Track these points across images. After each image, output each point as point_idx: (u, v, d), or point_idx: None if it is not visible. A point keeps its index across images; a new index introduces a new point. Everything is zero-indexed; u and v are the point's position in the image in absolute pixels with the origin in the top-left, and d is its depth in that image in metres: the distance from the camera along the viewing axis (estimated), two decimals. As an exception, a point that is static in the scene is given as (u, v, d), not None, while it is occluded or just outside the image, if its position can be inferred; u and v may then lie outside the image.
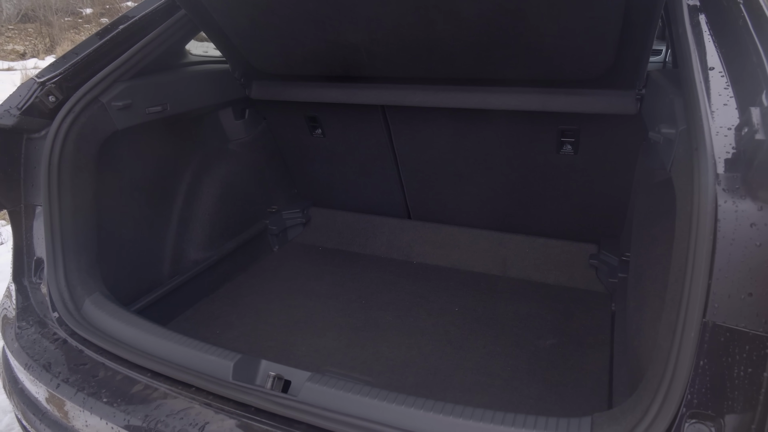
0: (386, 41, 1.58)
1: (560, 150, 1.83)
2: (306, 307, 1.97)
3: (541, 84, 1.61)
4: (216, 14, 1.71)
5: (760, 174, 0.79)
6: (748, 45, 0.99)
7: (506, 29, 1.41)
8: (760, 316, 0.79)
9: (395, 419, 1.01)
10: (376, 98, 1.88)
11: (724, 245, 0.80)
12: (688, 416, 0.85)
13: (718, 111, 0.93)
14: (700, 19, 1.18)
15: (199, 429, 1.06)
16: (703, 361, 0.83)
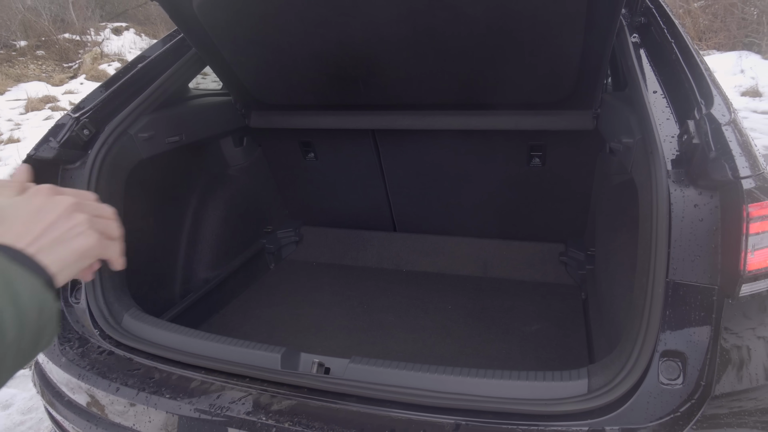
0: (382, 74, 1.83)
1: (530, 163, 2.12)
2: (313, 315, 2.15)
3: (514, 107, 1.90)
4: (225, 52, 1.92)
5: (698, 168, 1.08)
6: (680, 74, 1.30)
7: (486, 63, 1.68)
8: (706, 272, 1.07)
9: (430, 384, 1.22)
10: (368, 123, 2.12)
11: (677, 222, 1.08)
12: (661, 355, 1.11)
13: (663, 124, 1.23)
14: (641, 53, 1.50)
15: (263, 409, 1.23)
16: (669, 311, 1.10)
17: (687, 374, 1.08)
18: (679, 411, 1.08)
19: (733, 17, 9.45)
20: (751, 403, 1.09)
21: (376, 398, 1.20)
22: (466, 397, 1.17)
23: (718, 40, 9.52)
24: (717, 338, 1.07)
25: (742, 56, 8.59)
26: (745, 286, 1.05)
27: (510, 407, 1.14)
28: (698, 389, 1.08)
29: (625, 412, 1.09)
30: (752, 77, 7.84)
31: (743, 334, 1.09)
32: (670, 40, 1.42)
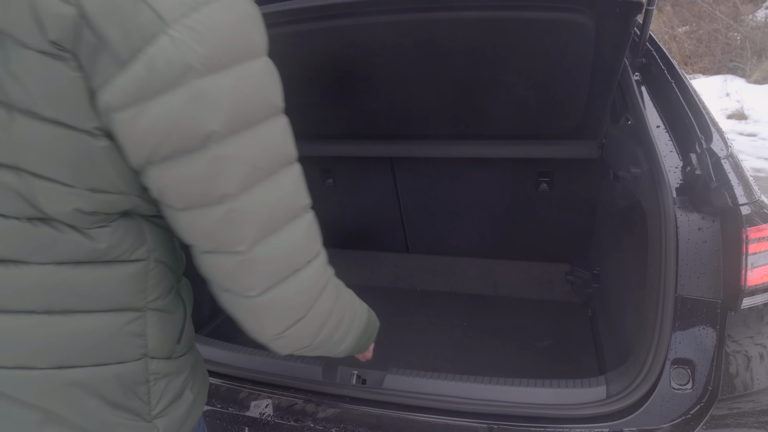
0: (403, 108, 1.98)
1: (538, 188, 2.27)
2: None
3: (525, 137, 2.05)
4: None
5: (701, 196, 1.23)
6: (680, 111, 1.46)
7: (500, 98, 1.84)
8: (710, 287, 1.21)
9: (463, 392, 1.34)
10: (387, 152, 2.26)
11: (683, 243, 1.23)
12: (672, 363, 1.24)
13: (667, 156, 1.38)
14: (643, 89, 1.67)
15: (311, 417, 1.34)
16: (678, 323, 1.23)
17: (696, 380, 1.21)
18: (689, 413, 1.20)
19: (717, 42, 9.82)
20: (750, 405, 1.22)
21: (414, 405, 1.32)
22: (497, 402, 1.29)
23: (704, 64, 9.87)
24: (722, 347, 1.21)
25: (727, 80, 8.91)
26: (746, 299, 1.19)
27: (537, 411, 1.26)
28: (706, 393, 1.21)
29: (642, 414, 1.21)
30: (737, 100, 8.14)
31: (743, 342, 1.23)
32: (669, 80, 1.58)
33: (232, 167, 0.62)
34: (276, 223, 0.69)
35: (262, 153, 0.65)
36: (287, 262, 0.71)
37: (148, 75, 0.56)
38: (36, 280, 0.66)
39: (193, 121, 0.59)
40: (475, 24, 1.52)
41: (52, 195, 0.63)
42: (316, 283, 0.76)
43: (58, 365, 0.69)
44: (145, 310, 0.75)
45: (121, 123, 0.58)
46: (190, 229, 0.67)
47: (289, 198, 0.71)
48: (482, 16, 1.49)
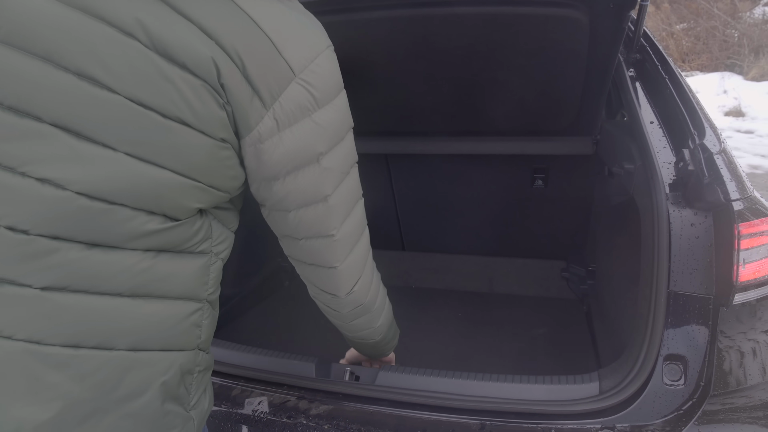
0: (397, 104, 1.98)
1: (533, 184, 2.27)
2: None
3: (520, 134, 2.05)
4: None
5: (693, 192, 1.23)
6: (674, 107, 1.46)
7: (495, 95, 1.84)
8: (703, 283, 1.21)
9: (456, 388, 1.33)
10: (383, 148, 2.26)
11: (676, 239, 1.22)
12: (664, 359, 1.24)
13: (660, 152, 1.38)
14: (637, 85, 1.66)
15: (303, 413, 1.34)
16: (670, 319, 1.23)
17: (688, 376, 1.21)
18: (681, 409, 1.20)
19: (715, 39, 9.83)
20: (743, 401, 1.22)
21: (407, 402, 1.32)
22: (490, 399, 1.29)
23: (701, 61, 9.87)
24: (714, 343, 1.21)
25: (724, 77, 8.92)
26: (737, 295, 1.19)
27: (530, 408, 1.26)
28: (698, 389, 1.21)
29: (634, 410, 1.21)
30: (735, 98, 8.15)
31: (736, 337, 1.23)
32: (664, 76, 1.58)
33: (332, 175, 0.84)
34: (350, 209, 0.92)
35: (344, 161, 0.87)
36: (355, 235, 0.95)
37: (285, 114, 0.75)
38: (127, 265, 0.73)
39: (311, 145, 0.79)
40: (469, 20, 1.52)
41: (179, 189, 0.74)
42: (366, 247, 1.02)
43: (134, 347, 0.75)
44: (204, 301, 0.84)
45: (266, 150, 0.76)
46: (297, 223, 0.87)
47: (356, 189, 0.94)
48: (476, 12, 1.49)
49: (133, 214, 0.72)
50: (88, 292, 0.71)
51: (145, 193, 0.72)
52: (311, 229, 0.89)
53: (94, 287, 0.71)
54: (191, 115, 0.71)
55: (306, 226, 0.88)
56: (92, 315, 0.72)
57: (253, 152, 0.77)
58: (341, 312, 1.05)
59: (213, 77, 0.70)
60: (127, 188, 0.71)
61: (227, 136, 0.75)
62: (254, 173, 0.81)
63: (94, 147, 0.68)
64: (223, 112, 0.73)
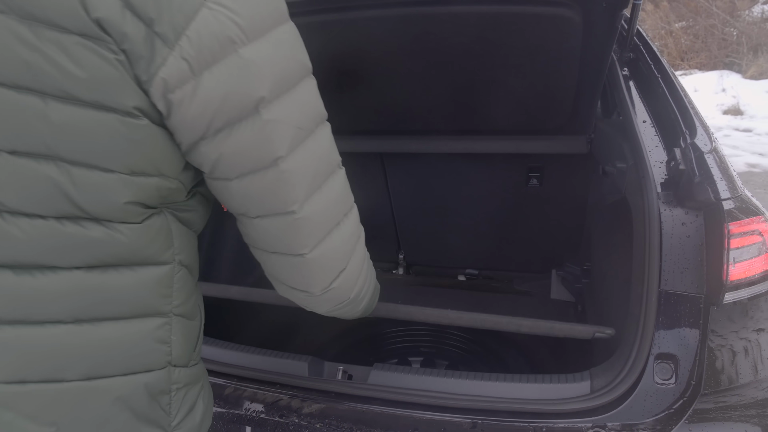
0: (392, 103, 1.98)
1: (528, 183, 2.27)
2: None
3: (514, 132, 2.05)
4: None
5: (684, 191, 1.23)
6: (666, 106, 1.46)
7: (489, 93, 1.84)
8: (693, 282, 1.21)
9: (448, 387, 1.34)
10: (377, 147, 2.25)
11: (667, 238, 1.23)
12: (655, 358, 1.24)
13: (652, 151, 1.38)
14: (630, 84, 1.66)
15: (295, 412, 1.34)
16: (661, 318, 1.24)
17: (679, 375, 1.22)
18: (672, 408, 1.21)
19: (714, 38, 9.82)
20: (735, 399, 1.22)
21: (399, 401, 1.32)
22: (481, 398, 1.29)
23: (700, 60, 9.87)
24: (704, 342, 1.21)
25: (723, 75, 8.91)
26: (728, 294, 1.19)
27: (521, 406, 1.26)
28: (689, 388, 1.21)
29: (625, 409, 1.22)
30: (733, 96, 8.14)
31: (728, 336, 1.23)
32: (656, 75, 1.58)
33: (282, 130, 0.66)
34: (319, 180, 0.74)
35: (303, 114, 0.69)
36: (331, 216, 0.78)
37: (197, 51, 0.59)
38: (65, 288, 0.64)
39: (243, 89, 0.62)
40: (463, 18, 1.52)
41: (90, 184, 0.62)
42: (353, 234, 0.84)
43: (87, 376, 0.67)
44: (171, 315, 0.74)
45: (178, 101, 0.60)
46: (244, 196, 0.70)
47: (327, 155, 0.76)
48: (469, 11, 1.49)
49: (57, 225, 0.63)
50: (24, 322, 0.64)
51: (54, 198, 0.62)
52: (263, 204, 0.71)
53: (30, 317, 0.64)
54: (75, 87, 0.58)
55: (255, 199, 0.70)
56: (33, 347, 0.64)
57: (165, 107, 0.61)
58: (319, 310, 0.88)
59: (83, 19, 0.56)
60: (32, 195, 0.61)
61: (138, 101, 0.60)
62: (177, 133, 0.65)
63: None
64: (118, 69, 0.58)
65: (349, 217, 0.83)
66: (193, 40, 0.58)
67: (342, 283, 0.83)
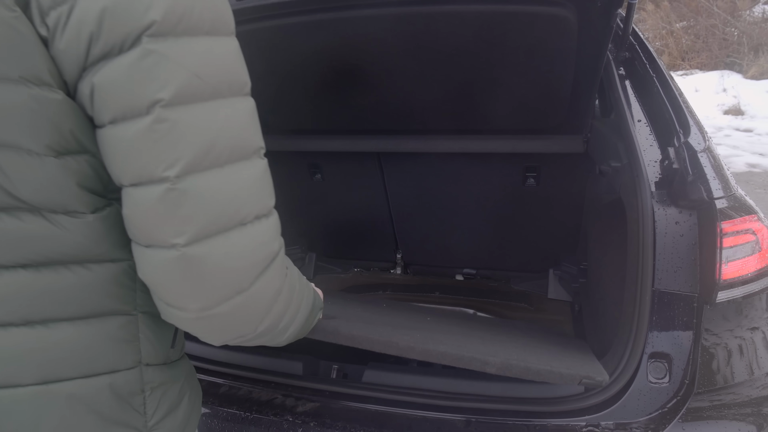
0: (389, 102, 1.98)
1: (525, 183, 2.27)
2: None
3: (511, 132, 2.04)
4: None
5: (678, 190, 1.23)
6: (661, 105, 1.46)
7: (486, 93, 1.84)
8: (687, 281, 1.21)
9: (442, 386, 1.34)
10: (374, 146, 2.25)
11: (660, 237, 1.23)
12: (649, 357, 1.24)
13: (647, 150, 1.38)
14: (626, 84, 1.66)
15: (290, 411, 1.34)
16: (655, 317, 1.24)
17: (672, 374, 1.22)
18: (666, 407, 1.21)
19: (715, 38, 9.80)
20: (730, 397, 1.22)
21: (393, 399, 1.32)
22: (475, 396, 1.29)
23: (701, 59, 9.85)
24: (698, 341, 1.21)
25: (724, 75, 8.90)
26: (722, 293, 1.19)
27: (515, 406, 1.26)
28: (683, 387, 1.21)
29: (618, 408, 1.22)
30: (734, 96, 8.13)
31: (722, 334, 1.23)
32: (651, 74, 1.58)
33: (169, 68, 0.55)
34: (219, 155, 0.60)
35: (207, 64, 0.58)
36: (229, 208, 0.61)
37: None
38: (11, 288, 0.61)
39: (126, 10, 0.53)
40: (457, 18, 1.52)
41: (21, 169, 0.57)
42: (264, 245, 0.66)
43: (44, 380, 0.64)
44: (136, 313, 0.70)
45: (54, 24, 0.53)
46: (114, 152, 0.58)
47: (238, 131, 0.62)
48: (465, 10, 1.49)
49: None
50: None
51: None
52: (133, 162, 0.57)
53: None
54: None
55: (125, 154, 0.57)
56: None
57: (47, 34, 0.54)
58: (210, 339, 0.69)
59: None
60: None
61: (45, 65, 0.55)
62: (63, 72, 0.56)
63: None
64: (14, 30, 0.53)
65: (263, 223, 0.66)
66: None
67: (238, 309, 0.64)
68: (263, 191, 0.67)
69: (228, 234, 0.61)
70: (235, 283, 0.63)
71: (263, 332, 0.70)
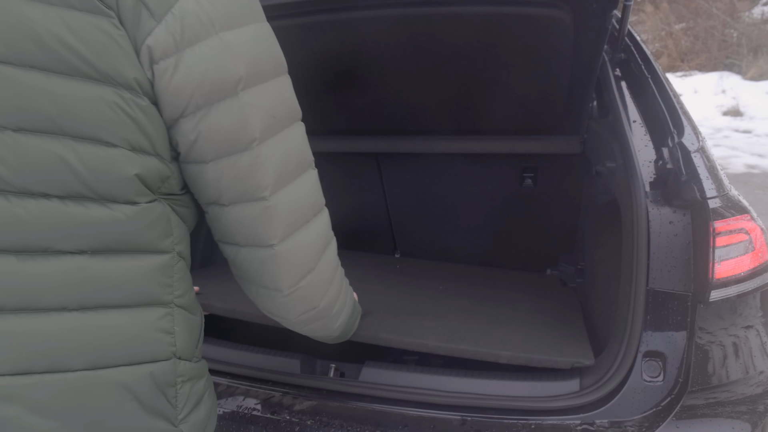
0: (387, 103, 1.99)
1: (522, 183, 2.28)
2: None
3: (508, 133, 2.06)
4: None
5: (671, 190, 1.24)
6: (656, 106, 1.47)
7: (482, 94, 1.85)
8: (681, 281, 1.22)
9: (438, 384, 1.34)
10: (372, 147, 2.27)
11: (654, 236, 1.23)
12: (643, 355, 1.25)
13: (641, 150, 1.39)
14: (622, 85, 1.67)
15: (287, 409, 1.35)
16: (649, 316, 1.24)
17: (667, 372, 1.23)
18: (660, 405, 1.22)
19: (714, 39, 9.82)
20: (725, 395, 1.23)
21: (389, 398, 1.33)
22: (471, 395, 1.30)
23: (700, 61, 9.87)
24: (692, 339, 1.22)
25: (723, 77, 8.92)
26: (716, 292, 1.20)
27: (510, 404, 1.27)
28: (677, 385, 1.22)
29: (613, 406, 1.22)
30: (733, 97, 8.15)
31: (717, 333, 1.24)
32: (647, 75, 1.59)
33: (258, 114, 0.71)
34: (291, 172, 0.78)
35: (278, 104, 0.75)
36: (301, 211, 0.81)
37: (181, 28, 0.65)
38: (69, 274, 0.65)
39: (222, 69, 0.67)
40: (454, 19, 1.53)
41: (95, 159, 0.64)
42: (323, 235, 0.87)
43: (93, 366, 0.67)
44: (173, 306, 0.75)
45: (162, 72, 0.65)
46: (218, 180, 0.73)
47: (300, 151, 0.81)
48: (461, 12, 1.50)
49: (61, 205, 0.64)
50: (28, 310, 0.63)
51: (61, 175, 0.63)
52: (236, 189, 0.73)
53: (34, 304, 0.63)
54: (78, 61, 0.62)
55: (229, 183, 0.73)
56: (38, 336, 0.64)
57: (151, 76, 0.66)
58: (288, 318, 0.87)
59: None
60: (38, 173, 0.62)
61: (138, 74, 0.64)
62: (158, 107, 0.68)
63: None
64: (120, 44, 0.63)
65: (320, 218, 0.86)
66: (177, 17, 0.64)
67: (310, 284, 0.84)
68: (318, 193, 0.87)
69: (301, 230, 0.81)
70: (308, 265, 0.83)
71: (323, 309, 0.89)
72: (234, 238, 0.79)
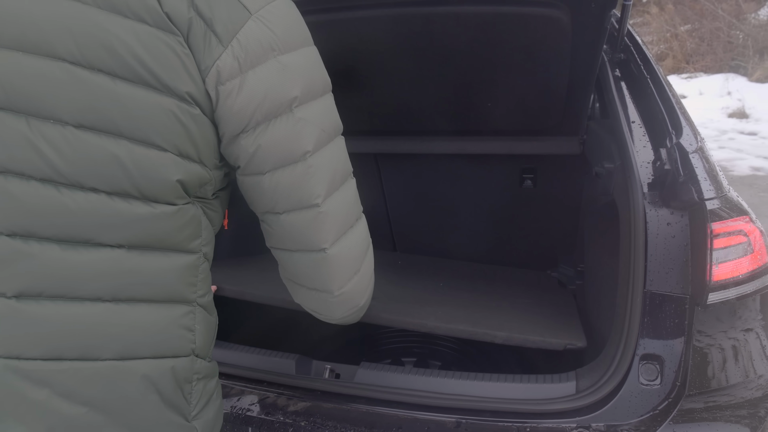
0: (386, 103, 1.98)
1: (522, 185, 2.26)
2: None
3: (507, 133, 2.05)
4: None
5: (669, 191, 1.22)
6: (654, 107, 1.45)
7: (482, 94, 1.84)
8: (678, 283, 1.20)
9: (433, 386, 1.33)
10: (371, 148, 2.26)
11: (652, 238, 1.22)
12: (640, 359, 1.23)
13: (640, 151, 1.38)
14: (621, 86, 1.66)
15: (281, 410, 1.34)
16: (647, 318, 1.23)
17: (664, 375, 1.21)
18: (657, 409, 1.20)
19: (719, 41, 9.76)
20: (725, 399, 1.22)
21: (384, 399, 1.32)
22: (466, 397, 1.29)
23: (705, 62, 9.82)
24: (690, 343, 1.20)
25: (728, 78, 8.86)
26: (714, 294, 1.18)
27: (506, 407, 1.26)
28: (674, 389, 1.20)
29: (609, 410, 1.21)
30: (739, 99, 8.09)
31: (716, 336, 1.22)
32: (646, 76, 1.58)
33: (310, 128, 0.78)
34: (338, 180, 0.85)
35: (326, 119, 0.82)
36: (347, 216, 0.87)
37: (245, 52, 0.71)
38: (106, 266, 0.68)
39: (281, 88, 0.74)
40: (453, 19, 1.52)
41: (146, 161, 0.69)
42: (364, 238, 0.95)
43: (122, 356, 0.70)
44: (195, 304, 0.79)
45: (227, 93, 0.71)
46: (274, 189, 0.79)
47: (343, 161, 0.88)
48: (460, 11, 1.49)
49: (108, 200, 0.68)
50: (66, 297, 0.66)
51: (113, 172, 0.67)
52: (291, 197, 0.80)
53: (71, 292, 0.66)
54: (143, 70, 0.67)
55: (284, 193, 0.79)
56: (72, 323, 0.67)
57: (216, 96, 0.72)
58: (334, 317, 0.94)
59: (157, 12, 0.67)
60: (92, 169, 0.66)
61: (192, 89, 0.70)
62: (221, 124, 0.74)
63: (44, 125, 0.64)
64: (183, 60, 0.69)
65: (361, 222, 0.94)
66: (242, 43, 0.71)
67: (355, 286, 0.91)
68: (358, 199, 0.94)
69: (348, 234, 0.88)
70: (355, 266, 0.90)
71: (363, 306, 0.97)
72: (287, 244, 0.86)
